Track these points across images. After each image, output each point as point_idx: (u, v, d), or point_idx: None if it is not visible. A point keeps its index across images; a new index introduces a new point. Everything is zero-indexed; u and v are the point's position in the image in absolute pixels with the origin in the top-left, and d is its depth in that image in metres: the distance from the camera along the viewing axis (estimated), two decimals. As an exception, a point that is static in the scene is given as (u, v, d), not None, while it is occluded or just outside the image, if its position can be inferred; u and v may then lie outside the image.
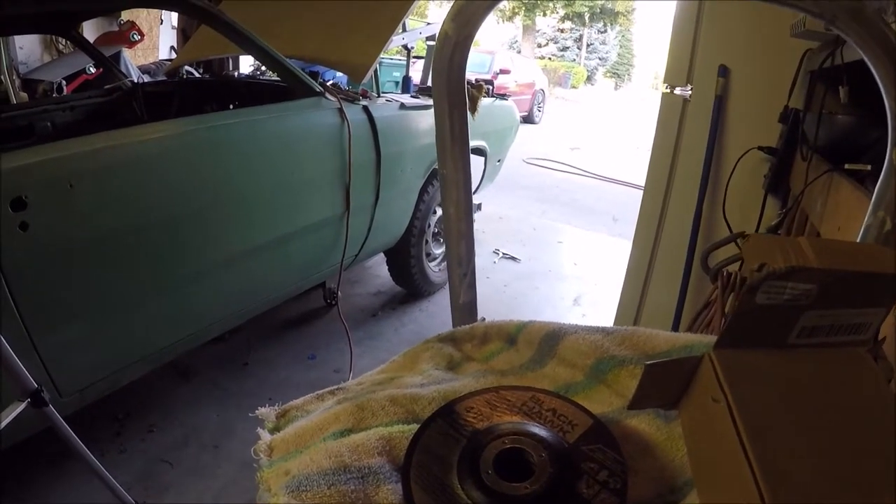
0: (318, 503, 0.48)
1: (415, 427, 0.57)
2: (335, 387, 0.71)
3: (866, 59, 0.58)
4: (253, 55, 2.92)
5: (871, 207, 0.64)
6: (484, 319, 0.88)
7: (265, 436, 0.63)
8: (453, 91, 0.69)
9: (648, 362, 0.48)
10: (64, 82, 5.06)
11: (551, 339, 0.71)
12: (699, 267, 2.27)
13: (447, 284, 3.52)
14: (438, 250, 4.02)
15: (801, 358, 0.50)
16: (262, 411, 0.68)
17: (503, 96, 4.54)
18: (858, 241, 0.65)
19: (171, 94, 3.52)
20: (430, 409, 0.61)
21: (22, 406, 1.32)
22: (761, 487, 0.41)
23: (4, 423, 1.26)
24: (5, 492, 2.05)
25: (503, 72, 13.12)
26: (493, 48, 16.23)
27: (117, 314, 1.97)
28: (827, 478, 0.44)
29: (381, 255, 3.68)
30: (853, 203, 1.19)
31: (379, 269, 4.26)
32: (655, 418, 0.58)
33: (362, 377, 0.74)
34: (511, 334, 0.76)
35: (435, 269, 3.99)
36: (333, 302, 3.66)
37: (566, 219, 6.24)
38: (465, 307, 0.84)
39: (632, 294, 2.80)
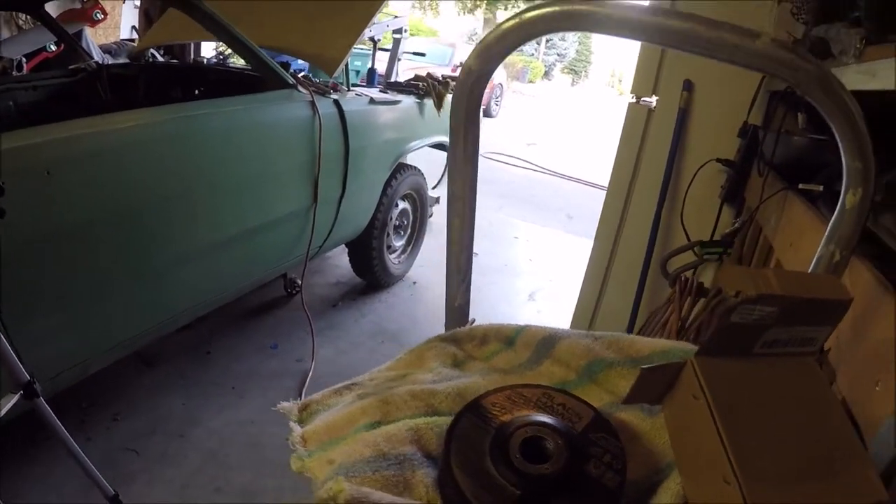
0: (367, 486, 0.57)
1: (437, 419, 0.66)
2: (349, 382, 0.79)
3: (830, 124, 0.69)
4: (226, 43, 2.93)
5: (824, 240, 0.75)
6: (474, 320, 0.97)
7: (296, 428, 0.70)
8: (470, 117, 0.77)
9: (644, 367, 0.58)
10: (24, 59, 4.93)
11: (548, 342, 0.81)
12: (656, 269, 2.41)
13: (405, 276, 3.61)
14: (399, 243, 4.10)
15: (763, 364, 0.61)
16: (285, 405, 0.75)
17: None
18: (811, 268, 0.77)
19: (136, 78, 3.49)
20: (446, 402, 0.70)
21: (15, 398, 1.34)
22: (734, 464, 0.53)
23: (1, 413, 1.29)
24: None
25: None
26: (454, 41, 16.26)
27: (90, 302, 1.98)
28: (785, 456, 0.56)
29: (342, 245, 3.72)
30: (805, 222, 1.32)
31: (338, 260, 4.30)
32: (640, 412, 0.69)
33: (372, 372, 0.82)
34: (509, 337, 0.86)
35: (395, 262, 4.06)
36: (294, 291, 3.70)
37: (522, 214, 6.34)
38: (459, 309, 0.93)
39: (590, 292, 2.92)
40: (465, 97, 0.77)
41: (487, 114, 13.83)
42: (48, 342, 1.89)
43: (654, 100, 2.60)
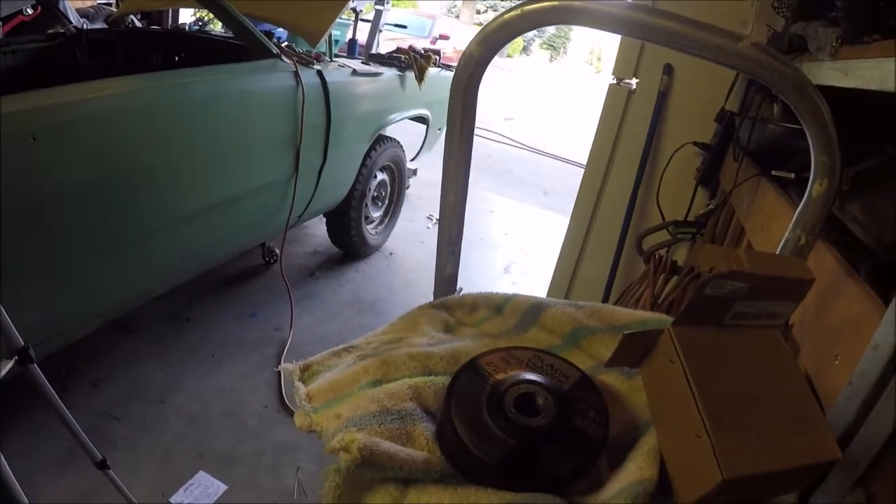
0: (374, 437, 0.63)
1: (434, 378, 0.72)
2: (347, 345, 0.84)
3: (802, 123, 0.75)
4: (210, 11, 2.92)
5: (791, 224, 0.82)
6: (461, 290, 1.03)
7: (301, 387, 0.75)
8: (467, 102, 0.82)
9: (625, 332, 0.64)
10: (0, 23, 4.83)
11: (534, 310, 0.87)
12: (631, 246, 2.49)
13: (382, 247, 3.65)
14: (376, 213, 4.14)
15: (733, 334, 0.68)
16: (287, 367, 0.80)
17: (448, 67, 4.64)
18: (779, 250, 0.84)
19: (115, 44, 3.45)
20: (441, 364, 0.76)
21: (10, 364, 1.36)
22: (704, 421, 0.59)
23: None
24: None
25: (442, 37, 13.14)
26: (434, 13, 16.16)
27: (73, 269, 1.98)
28: (750, 415, 0.62)
29: (320, 215, 3.75)
30: (776, 207, 1.39)
31: (315, 229, 4.32)
32: (620, 375, 0.75)
33: (368, 336, 0.87)
34: (498, 304, 0.92)
35: (372, 232, 4.11)
36: (272, 260, 3.73)
37: (498, 189, 6.40)
38: (449, 279, 0.99)
39: (566, 265, 2.99)
40: (464, 81, 0.82)
41: (465, 87, 13.77)
42: (31, 309, 1.89)
43: (634, 82, 2.66)
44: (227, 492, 2.12)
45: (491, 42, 0.78)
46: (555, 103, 15.28)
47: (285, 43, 3.17)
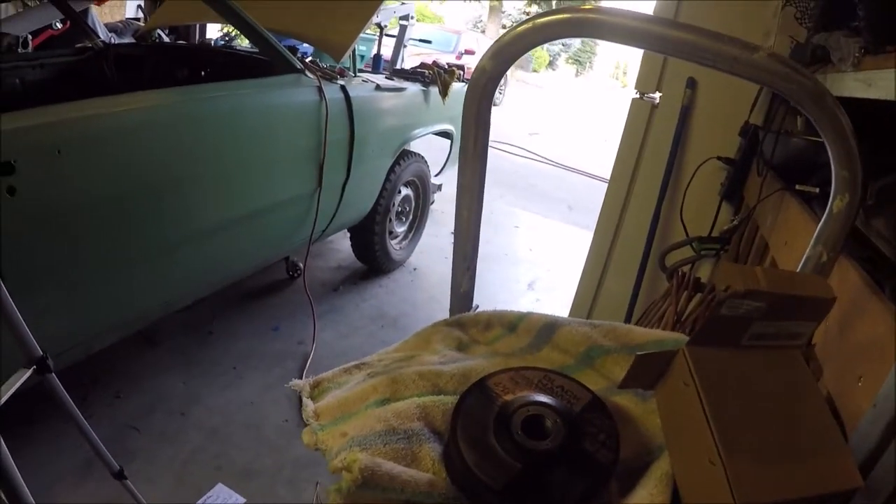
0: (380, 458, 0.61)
1: (443, 398, 0.71)
2: (358, 362, 0.83)
3: (821, 133, 0.73)
4: (234, 26, 2.94)
5: (812, 241, 0.79)
6: (478, 307, 1.02)
7: (309, 403, 0.74)
8: (481, 114, 0.81)
9: (639, 353, 0.63)
10: (30, 37, 4.93)
11: (548, 329, 0.86)
12: (654, 263, 2.45)
13: (406, 262, 3.64)
14: (400, 228, 4.12)
15: (751, 355, 0.66)
16: (297, 382, 0.80)
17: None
18: (800, 268, 0.81)
19: (142, 59, 3.50)
20: (452, 383, 0.75)
21: (28, 373, 1.36)
22: (718, 447, 0.57)
23: (13, 388, 1.30)
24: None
25: (468, 52, 13.16)
26: (459, 27, 16.22)
27: (96, 280, 2.00)
28: (766, 441, 0.60)
29: (344, 230, 3.74)
30: (800, 222, 1.36)
31: (340, 244, 4.32)
32: (634, 396, 0.73)
33: (380, 353, 0.86)
34: (512, 322, 0.90)
35: (396, 248, 4.09)
36: (296, 275, 3.73)
37: (523, 204, 6.36)
38: (464, 295, 0.97)
39: (589, 282, 2.96)
40: (478, 95, 0.81)
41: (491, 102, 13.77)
42: (54, 319, 1.91)
43: (657, 96, 2.63)
44: (246, 504, 2.12)
45: (504, 55, 0.77)
46: (580, 118, 15.21)
47: (309, 58, 3.19)
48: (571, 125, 13.58)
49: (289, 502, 2.17)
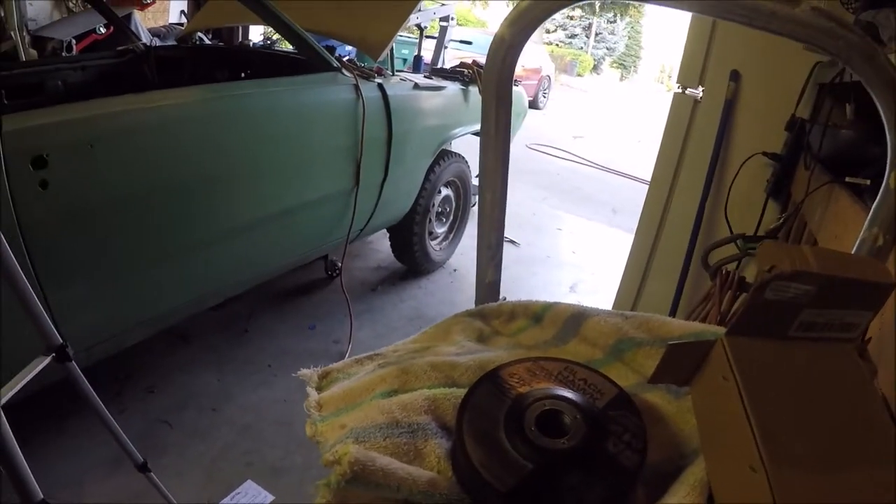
0: (376, 452, 0.56)
1: (455, 390, 0.65)
2: (372, 352, 0.78)
3: (874, 97, 0.65)
4: (271, 26, 2.95)
5: (867, 223, 0.71)
6: (505, 298, 0.96)
7: (313, 393, 0.69)
8: (502, 89, 0.75)
9: (671, 342, 0.56)
10: (74, 41, 5.05)
11: (576, 320, 0.79)
12: (698, 263, 2.36)
13: (446, 263, 3.60)
14: (440, 229, 4.09)
15: (798, 348, 0.58)
16: (305, 372, 0.75)
17: (515, 81, 4.57)
18: (853, 252, 0.73)
19: (182, 60, 3.54)
20: (467, 375, 0.68)
21: (47, 360, 1.36)
22: (761, 451, 0.49)
23: (31, 375, 1.30)
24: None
25: (511, 56, 13.04)
26: (502, 31, 16.10)
27: (128, 275, 2.01)
28: (814, 446, 0.52)
29: (383, 230, 3.73)
30: (850, 215, 1.27)
31: (380, 245, 4.32)
32: (667, 394, 0.66)
33: (396, 345, 0.81)
34: (537, 313, 0.84)
35: (436, 248, 4.06)
36: (334, 274, 3.72)
37: (566, 207, 6.29)
38: (490, 286, 0.91)
39: (630, 284, 2.88)
40: (496, 68, 0.75)
41: (535, 106, 13.71)
42: (85, 312, 1.93)
43: (700, 90, 2.54)
44: (273, 502, 2.10)
45: (523, 22, 0.71)
46: (625, 121, 15.01)
47: (347, 58, 3.18)
48: (616, 128, 13.41)
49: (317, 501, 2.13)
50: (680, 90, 2.61)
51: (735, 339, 0.56)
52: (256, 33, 6.35)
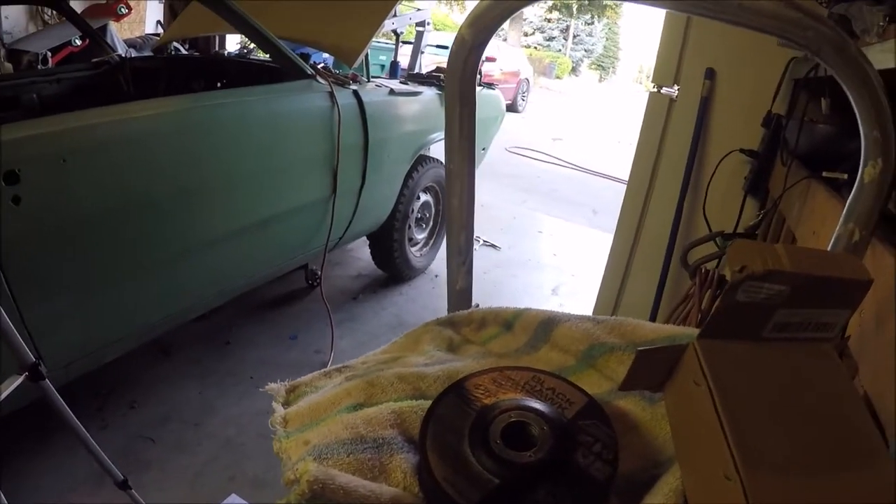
0: (339, 469, 0.54)
1: (423, 402, 0.62)
2: (341, 365, 0.76)
3: (846, 89, 0.64)
4: (245, 35, 2.93)
5: (842, 218, 0.70)
6: (478, 305, 0.94)
7: (279, 409, 0.67)
8: (465, 91, 0.73)
9: (640, 348, 0.54)
10: (49, 54, 5.00)
11: (546, 326, 0.77)
12: (678, 263, 2.35)
13: (427, 269, 3.58)
14: (420, 235, 4.06)
15: (773, 350, 0.56)
16: (272, 386, 0.73)
17: (491, 85, 4.57)
18: (829, 248, 0.72)
19: (158, 71, 3.50)
20: (435, 386, 0.66)
21: (20, 379, 1.33)
22: (735, 458, 0.48)
23: (4, 395, 1.28)
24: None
25: (489, 59, 13.07)
26: (480, 35, 16.14)
27: (104, 290, 1.98)
28: (792, 450, 0.51)
29: (364, 238, 3.70)
30: (828, 209, 1.26)
31: (360, 252, 4.29)
32: (641, 400, 0.64)
33: (366, 356, 0.79)
34: (507, 320, 0.82)
35: (416, 255, 4.03)
36: (315, 283, 3.69)
37: (546, 209, 6.29)
38: (461, 293, 0.89)
39: (611, 285, 2.87)
40: (458, 70, 0.73)
41: (514, 109, 13.74)
42: (62, 329, 1.89)
43: (675, 89, 2.54)
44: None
45: (483, 22, 0.69)
46: (604, 123, 15.07)
47: (321, 65, 3.16)
48: (595, 130, 13.46)
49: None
50: (655, 89, 2.60)
51: (707, 342, 0.54)
52: (234, 43, 6.31)
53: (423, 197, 3.91)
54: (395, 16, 4.39)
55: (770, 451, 0.49)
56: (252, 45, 5.75)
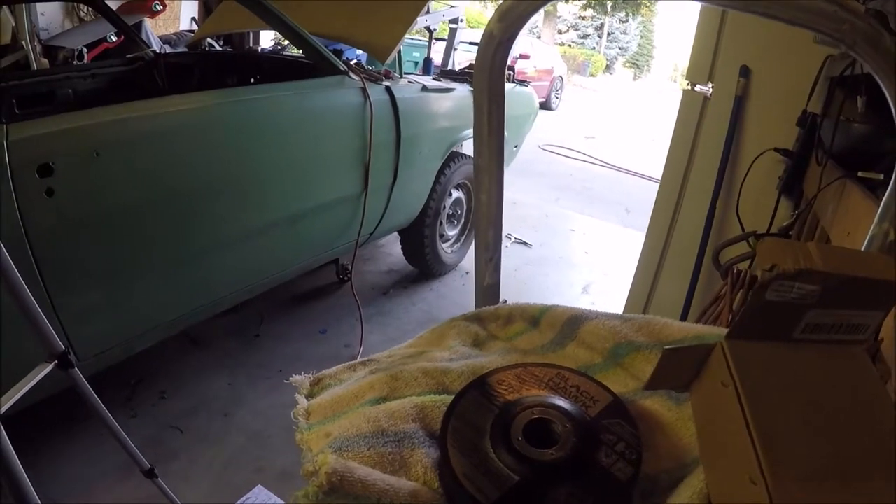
0: (359, 462, 0.54)
1: (446, 397, 0.62)
2: (366, 358, 0.76)
3: (881, 84, 0.62)
4: (278, 31, 2.94)
5: (876, 218, 0.68)
6: (506, 301, 0.93)
7: (302, 401, 0.68)
8: (493, 87, 0.73)
9: (667, 347, 0.53)
10: (85, 50, 5.09)
11: (573, 323, 0.76)
12: (710, 262, 2.32)
13: (458, 266, 3.58)
14: (452, 232, 4.06)
15: (804, 351, 0.55)
16: (297, 378, 0.73)
17: (523, 83, 4.55)
18: (863, 249, 0.70)
19: (192, 66, 3.55)
20: (459, 381, 0.66)
21: (49, 367, 1.35)
22: (762, 463, 0.46)
23: (32, 383, 1.29)
24: (18, 453, 2.12)
25: (523, 57, 13.03)
26: (514, 32, 16.08)
27: (135, 282, 2.01)
28: (820, 457, 0.49)
29: (395, 234, 3.71)
30: (863, 210, 1.23)
31: (391, 248, 4.31)
32: (667, 400, 0.63)
33: (391, 350, 0.79)
34: (534, 316, 0.81)
35: (448, 251, 4.03)
36: (346, 278, 3.71)
37: (579, 207, 6.25)
38: (489, 289, 0.89)
39: (642, 285, 2.84)
40: (488, 66, 0.72)
41: (547, 106, 13.67)
42: (93, 319, 1.93)
43: (709, 87, 2.50)
44: (285, 508, 2.09)
45: (512, 17, 0.68)
46: (638, 121, 14.90)
47: (354, 61, 3.17)
48: (628, 128, 13.32)
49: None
50: (689, 87, 2.57)
51: (735, 342, 0.53)
52: (268, 39, 6.37)
53: (455, 193, 3.90)
54: (427, 12, 4.38)
55: (797, 455, 0.48)
56: (286, 42, 5.80)
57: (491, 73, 0.73)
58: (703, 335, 0.69)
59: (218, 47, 4.86)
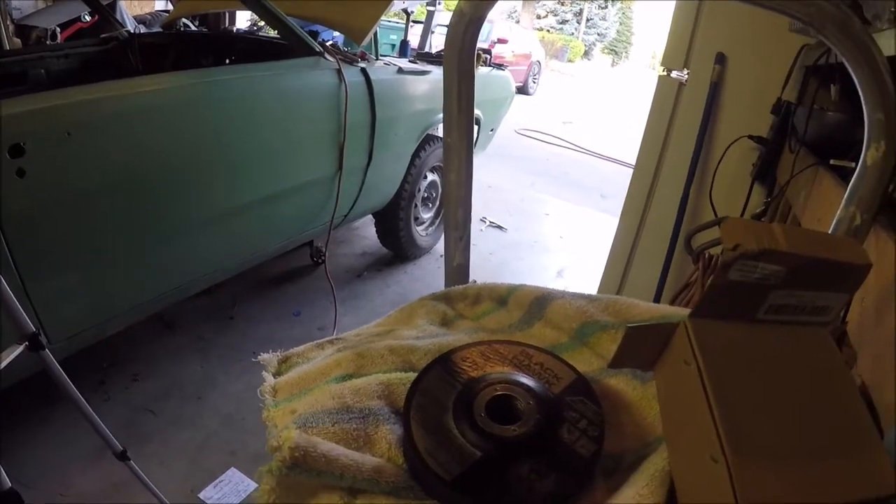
0: (323, 438, 0.53)
1: (411, 375, 0.62)
2: (334, 336, 0.76)
3: (849, 69, 0.62)
4: (253, 11, 2.90)
5: (843, 202, 0.69)
6: (475, 281, 0.93)
7: (269, 378, 0.67)
8: (463, 65, 0.72)
9: (629, 325, 0.53)
10: (58, 29, 4.99)
11: (540, 303, 0.76)
12: (682, 248, 2.34)
13: (433, 248, 3.57)
14: (426, 215, 4.05)
15: (767, 332, 0.55)
16: (265, 357, 0.73)
17: (500, 66, 4.54)
18: (830, 232, 0.70)
19: (167, 47, 3.49)
20: (425, 359, 0.66)
21: (20, 349, 1.33)
22: (722, 441, 0.47)
23: (3, 364, 1.28)
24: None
25: (500, 41, 13.00)
26: (492, 16, 16.06)
27: (107, 264, 1.99)
28: (780, 434, 0.50)
29: (369, 216, 3.70)
30: (834, 197, 1.24)
31: (366, 231, 4.29)
32: (632, 379, 0.63)
33: (360, 329, 0.79)
34: (502, 296, 0.81)
35: (422, 234, 4.02)
36: (320, 260, 3.69)
37: (554, 192, 6.25)
38: (458, 269, 0.89)
39: (615, 270, 2.86)
40: (458, 44, 0.72)
41: (525, 91, 13.67)
42: (65, 301, 1.90)
43: (685, 73, 2.51)
44: (257, 489, 2.07)
45: (482, -4, 0.67)
46: (615, 107, 14.96)
47: (330, 42, 3.13)
48: (605, 114, 13.36)
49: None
50: (665, 72, 2.57)
51: (698, 321, 0.53)
52: (244, 20, 6.28)
53: (430, 176, 3.89)
54: (406, -5, 4.35)
55: (759, 434, 0.49)
56: (261, 23, 5.72)
57: (461, 52, 0.72)
58: (669, 315, 0.69)
59: (193, 28, 4.78)
